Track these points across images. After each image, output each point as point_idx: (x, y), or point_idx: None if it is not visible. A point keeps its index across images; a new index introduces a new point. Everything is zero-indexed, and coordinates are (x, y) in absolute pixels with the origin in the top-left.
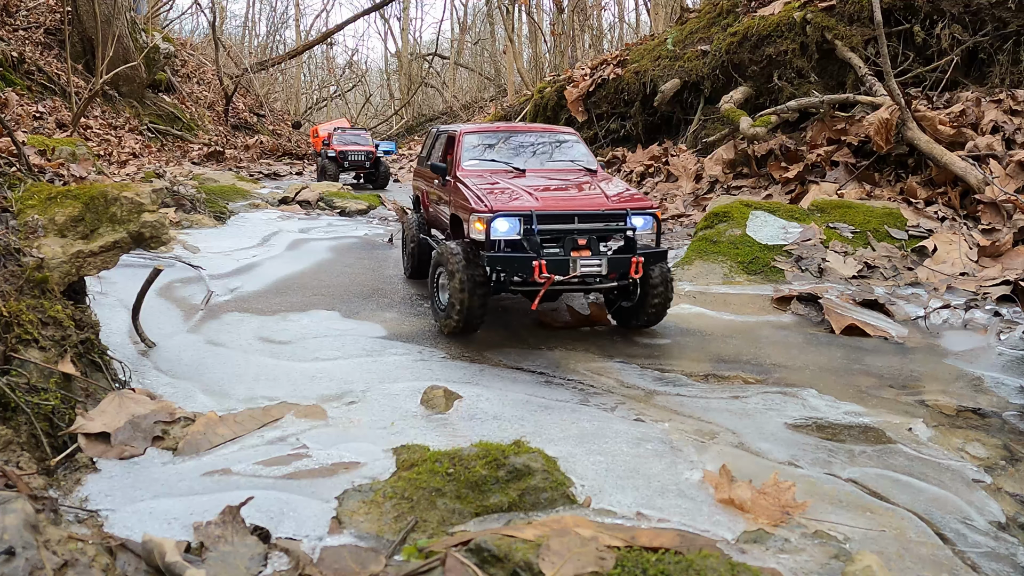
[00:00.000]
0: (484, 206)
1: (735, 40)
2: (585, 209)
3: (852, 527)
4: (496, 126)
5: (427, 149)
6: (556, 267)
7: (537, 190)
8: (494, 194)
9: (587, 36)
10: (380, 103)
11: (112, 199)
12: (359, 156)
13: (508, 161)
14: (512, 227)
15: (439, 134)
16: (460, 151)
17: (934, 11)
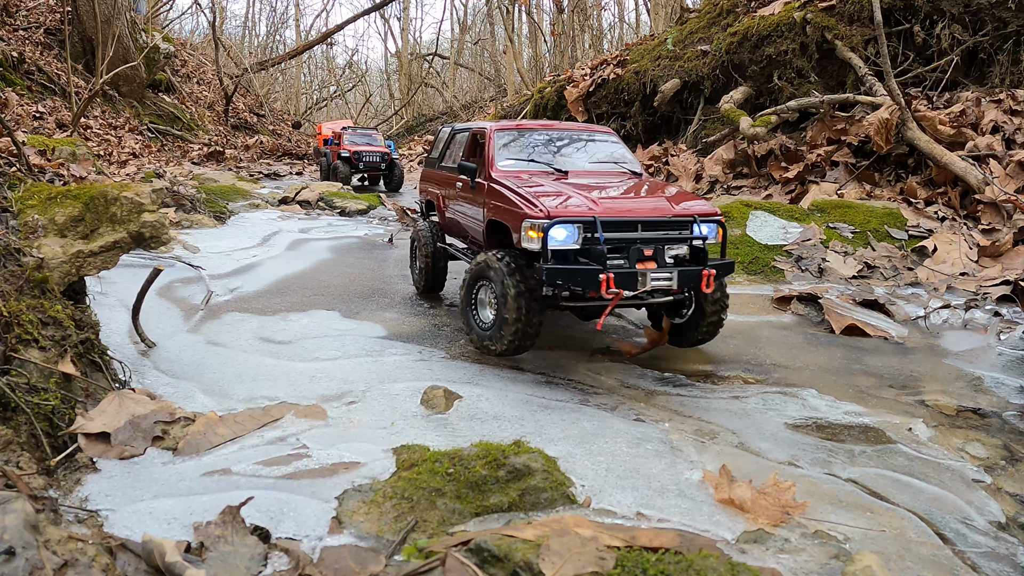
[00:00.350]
0: (539, 211)
1: (735, 40)
2: (650, 216)
3: (852, 527)
4: (529, 123)
5: (439, 149)
6: (624, 281)
7: (591, 194)
8: (547, 198)
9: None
10: (380, 103)
11: (112, 199)
12: (374, 157)
13: (548, 162)
14: (570, 235)
15: (456, 132)
16: (492, 150)
17: (934, 11)
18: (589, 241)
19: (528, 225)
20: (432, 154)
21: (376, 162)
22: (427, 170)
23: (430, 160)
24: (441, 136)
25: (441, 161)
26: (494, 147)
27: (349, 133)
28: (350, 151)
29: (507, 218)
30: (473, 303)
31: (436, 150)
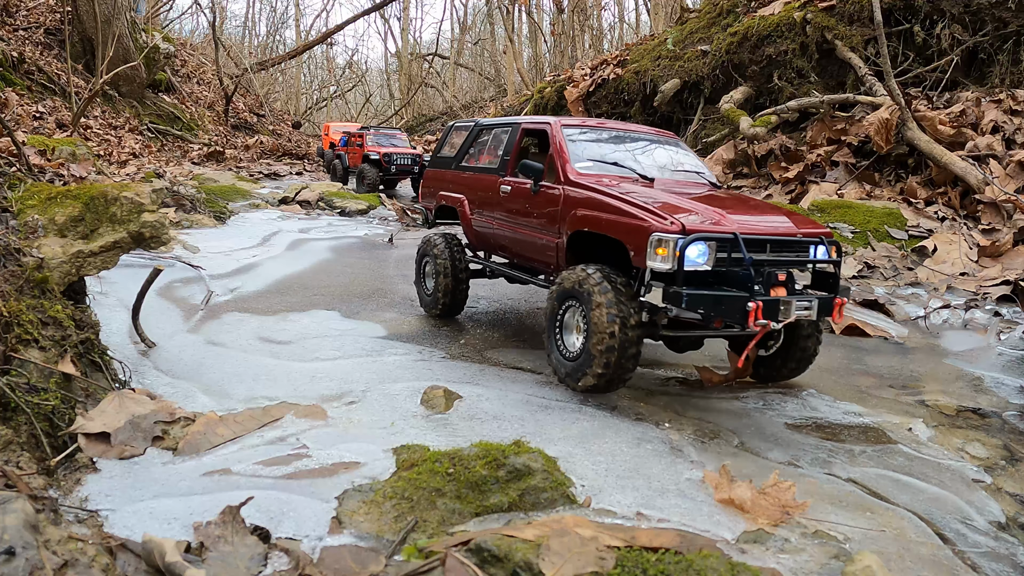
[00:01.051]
0: (671, 225)
1: (735, 40)
2: (781, 234)
3: (852, 527)
4: (595, 121)
5: (455, 147)
6: (768, 311)
7: (708, 206)
8: (675, 209)
9: (587, 36)
10: (380, 103)
11: (112, 199)
12: (405, 160)
13: (630, 166)
14: (702, 254)
15: (484, 128)
16: (564, 150)
17: (934, 11)
18: (723, 262)
19: (657, 241)
20: (442, 152)
21: (408, 165)
22: (437, 171)
23: (441, 160)
24: (455, 132)
25: (460, 161)
26: (565, 146)
27: (372, 134)
28: (379, 153)
29: (617, 231)
30: (557, 327)
31: (449, 148)
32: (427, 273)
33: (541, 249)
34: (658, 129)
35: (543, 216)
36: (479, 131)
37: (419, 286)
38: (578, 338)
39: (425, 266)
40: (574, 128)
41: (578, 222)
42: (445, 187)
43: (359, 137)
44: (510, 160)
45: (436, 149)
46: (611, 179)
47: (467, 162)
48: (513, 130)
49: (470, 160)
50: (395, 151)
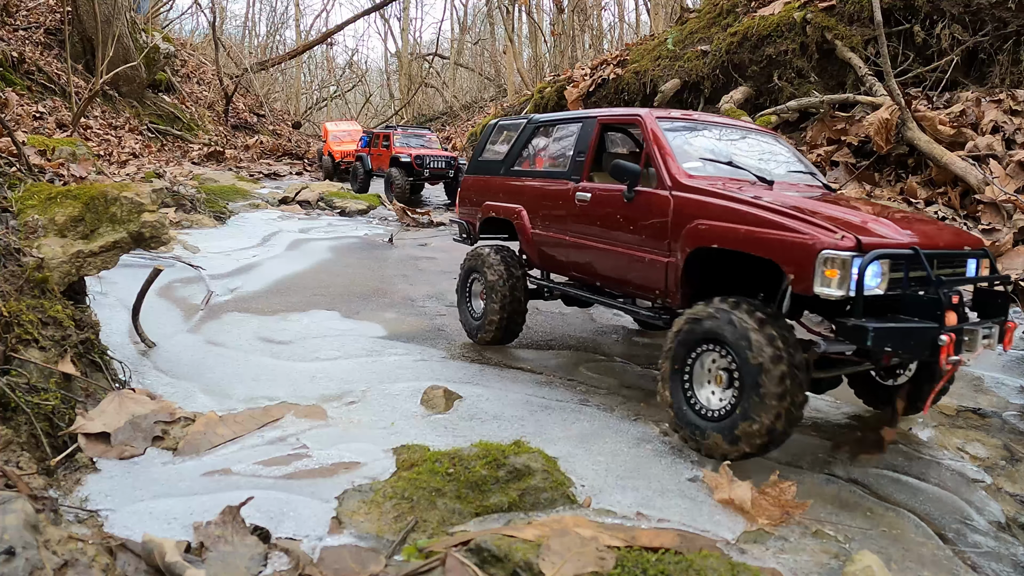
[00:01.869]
0: (840, 239)
1: (735, 40)
2: (947, 247)
3: (852, 527)
4: (681, 113)
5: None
6: (958, 343)
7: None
8: (838, 220)
9: (587, 36)
10: (380, 103)
11: (112, 199)
12: (439, 163)
13: (742, 166)
14: (876, 274)
15: (542, 126)
16: (667, 147)
17: (934, 11)
18: (896, 284)
19: (827, 261)
20: (484, 155)
21: (442, 168)
22: (480, 178)
23: (484, 164)
24: (500, 132)
25: (512, 164)
26: (668, 142)
27: (400, 133)
28: (410, 156)
29: (766, 248)
30: (686, 375)
31: (492, 150)
32: (475, 293)
33: (642, 270)
34: (760, 126)
35: (644, 229)
36: (535, 129)
37: (463, 308)
38: (721, 393)
39: (472, 284)
40: (667, 120)
41: (701, 237)
42: (493, 196)
43: (384, 137)
44: (585, 162)
45: (476, 152)
46: (727, 182)
47: (520, 166)
48: (585, 125)
49: (525, 163)
50: (428, 153)
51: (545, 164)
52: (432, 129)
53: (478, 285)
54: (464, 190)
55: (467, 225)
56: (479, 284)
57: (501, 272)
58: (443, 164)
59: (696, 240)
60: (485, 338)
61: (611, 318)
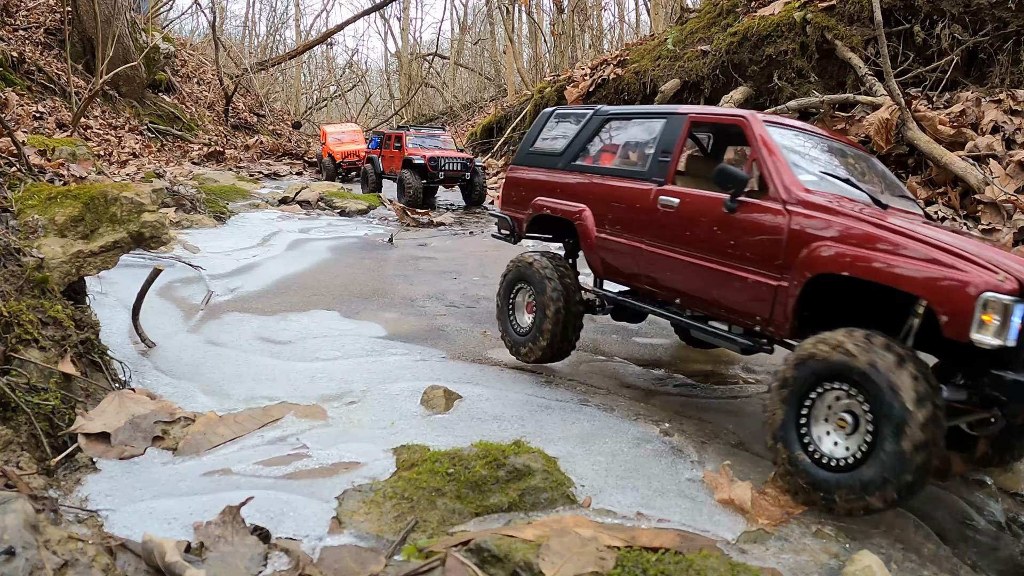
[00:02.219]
0: (1002, 281)
1: (735, 40)
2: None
3: (852, 527)
4: (787, 119)
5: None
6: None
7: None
8: (988, 258)
9: (587, 36)
10: (380, 103)
11: (112, 199)
12: (455, 165)
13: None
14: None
15: (633, 118)
16: (779, 155)
17: (934, 11)
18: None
19: (987, 304)
20: (537, 146)
21: (458, 171)
22: (531, 171)
23: (537, 156)
24: (556, 121)
25: (574, 158)
26: (780, 152)
27: (413, 134)
28: (423, 157)
29: (915, 284)
30: (803, 422)
31: (549, 141)
32: (520, 305)
33: (741, 292)
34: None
35: (749, 246)
36: (604, 121)
37: (505, 321)
38: (846, 440)
39: (517, 294)
40: (775, 126)
41: (828, 262)
42: (547, 192)
43: (396, 138)
44: (671, 163)
45: (526, 142)
46: (844, 201)
47: (583, 160)
48: (671, 122)
49: (587, 158)
50: (442, 154)
51: (616, 161)
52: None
53: (526, 296)
54: (510, 184)
55: (512, 222)
56: (527, 295)
57: (556, 283)
58: (459, 166)
59: (820, 265)
60: (532, 356)
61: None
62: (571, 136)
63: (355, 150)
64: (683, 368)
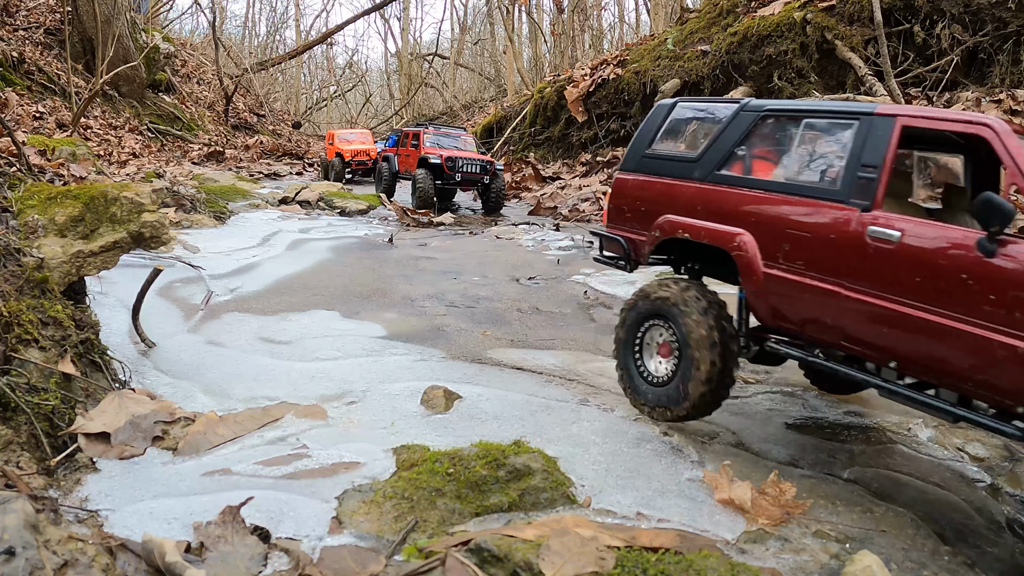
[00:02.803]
0: None
1: (735, 40)
2: None
3: (852, 527)
4: None
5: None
6: None
7: None
8: None
9: (587, 36)
10: (380, 103)
11: (112, 199)
12: (473, 167)
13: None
14: None
15: (804, 118)
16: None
17: (934, 11)
18: None
19: None
20: (657, 147)
21: (476, 173)
22: (655, 180)
23: (659, 160)
24: (682, 116)
25: (719, 167)
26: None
27: (432, 133)
28: (440, 157)
29: None
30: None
31: (676, 143)
32: (650, 346)
33: (1008, 364)
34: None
35: (1020, 304)
36: (758, 119)
37: (629, 365)
38: None
39: (647, 334)
40: None
41: None
42: (681, 209)
43: (414, 136)
44: (879, 182)
45: (640, 142)
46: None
47: (732, 170)
48: (874, 128)
49: (735, 166)
50: (460, 155)
51: (785, 173)
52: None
53: (661, 336)
54: (624, 195)
55: (626, 244)
56: (664, 335)
57: (710, 323)
58: (477, 168)
59: None
60: (671, 414)
61: (611, 318)
62: (711, 137)
63: (365, 148)
64: None
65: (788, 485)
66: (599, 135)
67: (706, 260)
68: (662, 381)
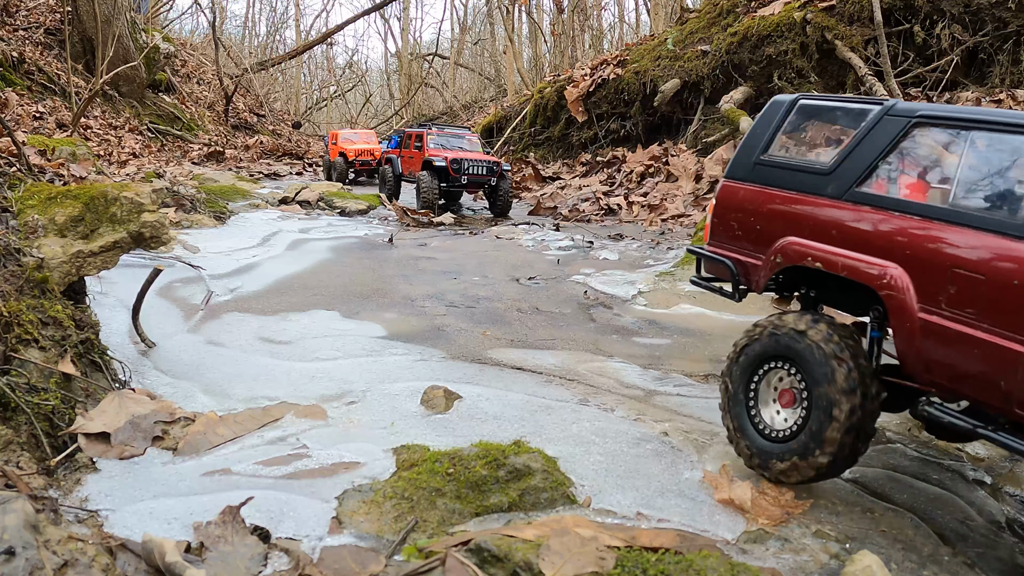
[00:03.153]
0: None
1: (735, 40)
2: None
3: (852, 527)
4: None
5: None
6: None
7: None
8: None
9: (587, 36)
10: (380, 103)
11: (112, 199)
12: (480, 169)
13: None
14: None
15: (973, 127)
16: None
17: (934, 11)
18: None
19: None
20: (773, 153)
21: (483, 175)
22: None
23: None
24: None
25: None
26: None
27: (435, 134)
28: (445, 159)
29: None
30: None
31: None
32: (768, 392)
33: None
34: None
35: None
36: (908, 127)
37: (741, 414)
38: None
39: (765, 378)
40: None
41: None
42: (812, 231)
43: (417, 137)
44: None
45: (750, 146)
46: None
47: (875, 188)
48: None
49: (879, 185)
50: (466, 156)
51: (943, 196)
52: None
53: (780, 381)
54: (731, 208)
55: (734, 268)
56: (786, 380)
57: (850, 368)
58: (484, 170)
59: None
60: (797, 475)
61: (611, 318)
62: (848, 145)
63: (370, 148)
64: (683, 368)
65: (788, 485)
66: (599, 135)
67: (826, 287)
68: (784, 435)
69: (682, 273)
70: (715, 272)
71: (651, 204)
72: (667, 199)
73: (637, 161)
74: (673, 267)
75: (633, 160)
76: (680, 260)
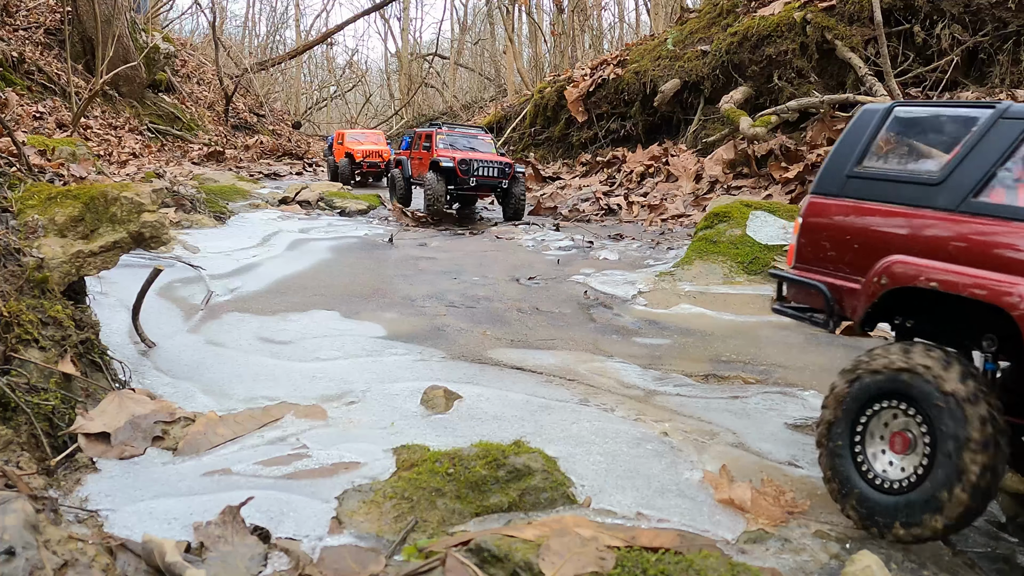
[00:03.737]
0: None
1: (735, 40)
2: None
3: (852, 527)
4: None
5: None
6: None
7: None
8: None
9: (587, 36)
10: (380, 103)
11: (112, 199)
12: (490, 170)
13: None
14: None
15: None
16: None
17: (934, 11)
18: None
19: None
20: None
21: (493, 177)
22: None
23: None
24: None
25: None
26: None
27: (445, 134)
28: (453, 160)
29: None
30: None
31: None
32: (876, 435)
33: None
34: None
35: None
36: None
37: (845, 460)
38: None
39: (874, 420)
40: None
41: None
42: (920, 246)
43: (427, 137)
44: None
45: (841, 155)
46: None
47: (995, 196)
48: None
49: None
50: (476, 157)
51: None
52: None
53: (896, 420)
54: (822, 226)
55: (829, 293)
56: (900, 421)
57: (982, 413)
58: (495, 172)
59: None
60: (916, 531)
61: (611, 318)
62: (960, 152)
63: (378, 150)
64: (683, 368)
65: (788, 485)
66: (599, 135)
67: (927, 313)
68: (900, 487)
69: (682, 273)
70: (803, 299)
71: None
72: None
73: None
74: (673, 267)
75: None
76: (680, 260)
